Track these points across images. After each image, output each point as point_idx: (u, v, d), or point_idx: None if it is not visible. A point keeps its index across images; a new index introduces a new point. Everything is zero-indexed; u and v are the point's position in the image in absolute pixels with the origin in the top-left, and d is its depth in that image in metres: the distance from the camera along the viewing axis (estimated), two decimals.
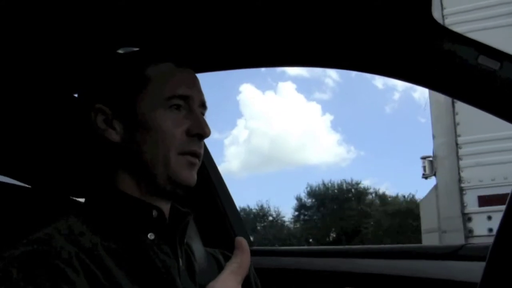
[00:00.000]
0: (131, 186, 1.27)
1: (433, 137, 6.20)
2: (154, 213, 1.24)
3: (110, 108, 1.27)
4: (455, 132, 6.01)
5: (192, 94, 1.29)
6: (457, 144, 6.00)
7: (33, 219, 1.40)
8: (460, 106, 5.97)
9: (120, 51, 1.45)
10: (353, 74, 49.37)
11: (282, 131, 49.51)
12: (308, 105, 52.57)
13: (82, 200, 1.51)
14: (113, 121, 1.27)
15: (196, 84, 1.33)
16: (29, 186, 1.72)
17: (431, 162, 6.33)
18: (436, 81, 1.48)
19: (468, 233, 5.87)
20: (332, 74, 47.39)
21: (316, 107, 53.45)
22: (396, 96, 52.28)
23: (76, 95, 1.67)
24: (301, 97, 55.07)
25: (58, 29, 1.46)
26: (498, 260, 1.14)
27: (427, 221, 6.35)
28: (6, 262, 1.04)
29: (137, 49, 1.41)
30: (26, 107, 1.65)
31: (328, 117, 53.91)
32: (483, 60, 1.35)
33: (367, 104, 52.06)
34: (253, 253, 2.05)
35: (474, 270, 1.41)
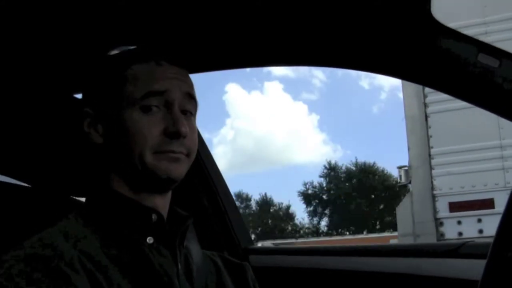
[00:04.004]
0: (122, 186, 1.19)
1: (408, 148, 6.24)
2: (154, 217, 1.16)
3: (94, 111, 1.21)
4: (428, 144, 6.04)
5: (169, 87, 1.17)
6: (429, 155, 6.03)
7: (34, 218, 1.33)
8: (433, 120, 6.05)
9: (114, 52, 1.35)
10: (340, 74, 49.38)
11: (268, 131, 49.27)
12: (294, 105, 52.45)
13: (82, 199, 1.45)
14: (96, 124, 1.20)
15: (176, 77, 1.20)
16: (29, 186, 1.61)
17: (406, 171, 6.36)
18: (435, 79, 1.39)
19: (440, 236, 5.89)
20: (318, 75, 47.27)
21: (302, 107, 53.34)
22: (383, 96, 52.25)
23: (74, 96, 1.63)
24: (287, 97, 54.90)
25: (58, 31, 1.39)
26: (499, 257, 1.04)
27: (403, 226, 6.36)
28: (8, 265, 0.98)
29: (126, 48, 1.33)
30: (26, 107, 1.57)
31: (315, 117, 53.80)
32: (482, 58, 1.26)
33: (354, 104, 52.07)
34: (253, 252, 1.96)
35: (475, 268, 1.29)
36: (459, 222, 5.77)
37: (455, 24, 5.28)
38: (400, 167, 6.41)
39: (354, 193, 35.52)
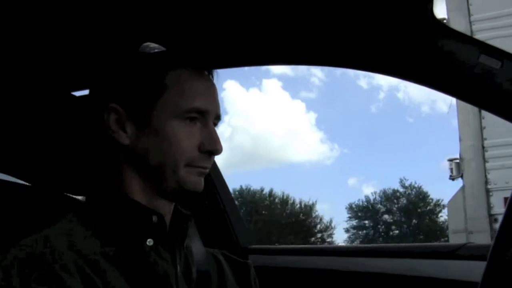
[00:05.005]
0: (137, 187, 1.17)
1: (460, 140, 6.00)
2: (154, 218, 1.15)
3: (125, 109, 1.16)
4: (482, 135, 5.85)
5: (210, 108, 1.18)
6: (483, 147, 5.85)
7: (33, 217, 1.32)
8: None
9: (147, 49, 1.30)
10: (338, 73, 48.93)
11: (265, 129, 48.86)
12: (292, 103, 51.92)
13: (81, 197, 1.49)
14: (125, 123, 1.16)
15: (214, 96, 1.21)
16: (29, 184, 1.62)
17: (457, 164, 6.14)
18: (437, 80, 1.38)
19: (495, 233, 5.68)
20: (317, 73, 46.73)
21: (300, 105, 52.72)
22: (382, 95, 51.56)
23: (74, 94, 1.61)
24: (286, 95, 54.38)
25: (57, 29, 1.40)
26: (499, 259, 1.05)
27: (454, 222, 6.13)
28: (5, 264, 1.00)
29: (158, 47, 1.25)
30: (25, 105, 1.55)
31: (312, 115, 53.26)
32: (484, 59, 1.26)
33: (352, 103, 51.62)
34: (253, 251, 1.98)
35: (475, 269, 1.31)
36: None
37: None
38: (451, 160, 6.18)
39: None
